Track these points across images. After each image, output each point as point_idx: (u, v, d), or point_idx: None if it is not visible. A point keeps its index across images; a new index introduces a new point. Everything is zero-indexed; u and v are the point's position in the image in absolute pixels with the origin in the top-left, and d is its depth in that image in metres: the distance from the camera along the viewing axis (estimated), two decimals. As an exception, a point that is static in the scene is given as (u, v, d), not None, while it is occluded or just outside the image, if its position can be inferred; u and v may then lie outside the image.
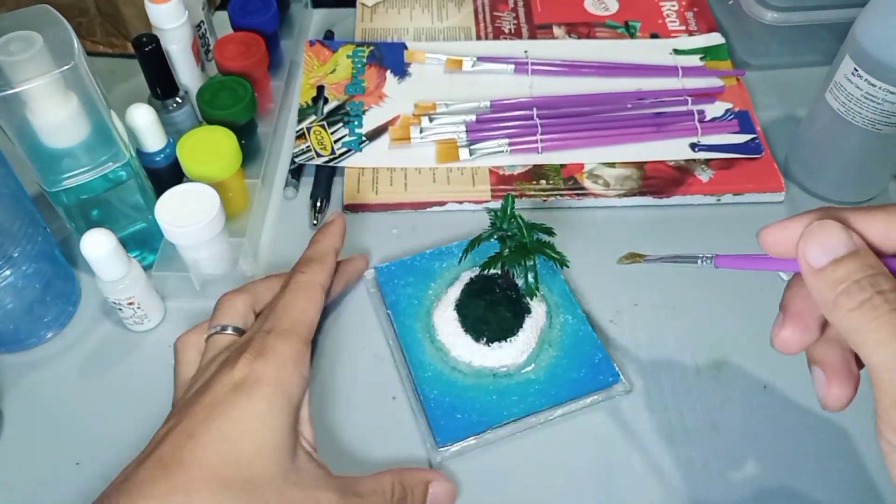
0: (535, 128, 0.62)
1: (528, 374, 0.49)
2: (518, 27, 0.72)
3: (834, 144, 0.57)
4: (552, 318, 0.51)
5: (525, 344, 0.49)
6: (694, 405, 0.49)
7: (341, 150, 0.61)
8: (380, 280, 0.54)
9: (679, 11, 0.73)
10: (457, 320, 0.50)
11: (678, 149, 0.61)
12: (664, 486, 0.46)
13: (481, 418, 0.47)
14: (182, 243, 0.50)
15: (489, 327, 0.49)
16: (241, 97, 0.57)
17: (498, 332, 0.49)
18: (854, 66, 0.52)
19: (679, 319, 0.53)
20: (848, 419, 0.49)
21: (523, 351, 0.49)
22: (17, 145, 0.45)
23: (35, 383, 0.50)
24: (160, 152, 0.54)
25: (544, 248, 0.46)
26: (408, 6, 0.75)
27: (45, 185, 0.48)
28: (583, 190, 0.59)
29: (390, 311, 0.52)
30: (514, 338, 0.49)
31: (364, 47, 0.69)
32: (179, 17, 0.57)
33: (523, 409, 0.48)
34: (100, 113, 0.46)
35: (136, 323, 0.52)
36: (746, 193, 0.59)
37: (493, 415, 0.47)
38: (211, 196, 0.50)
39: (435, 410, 0.47)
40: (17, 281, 0.48)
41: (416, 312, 0.52)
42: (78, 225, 0.51)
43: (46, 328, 0.52)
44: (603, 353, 0.50)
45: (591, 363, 0.49)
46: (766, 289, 0.54)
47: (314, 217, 0.58)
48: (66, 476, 0.46)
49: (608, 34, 0.71)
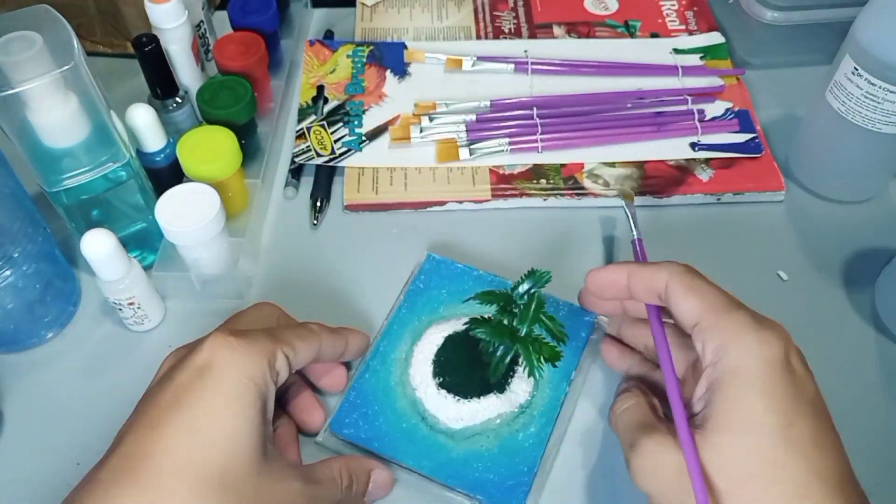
0: (535, 127, 0.62)
1: (449, 441, 0.45)
2: (518, 26, 0.72)
3: (834, 144, 0.57)
4: (519, 418, 0.46)
5: (470, 415, 0.46)
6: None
7: (341, 150, 0.61)
8: (424, 266, 0.53)
9: (679, 11, 0.73)
10: (437, 346, 0.48)
11: (678, 148, 0.61)
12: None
13: (375, 439, 0.45)
14: (182, 243, 0.50)
15: (452, 375, 0.46)
16: (241, 97, 0.57)
17: (455, 385, 0.46)
18: (854, 66, 0.52)
19: (679, 319, 0.53)
20: (848, 419, 0.48)
21: (463, 419, 0.46)
22: (17, 145, 0.45)
23: (35, 383, 0.50)
24: (160, 152, 0.54)
25: (532, 345, 0.42)
26: (407, 6, 0.74)
27: (45, 186, 0.48)
28: (583, 189, 0.59)
29: (403, 298, 0.52)
30: (465, 401, 0.46)
31: (364, 47, 0.69)
32: (179, 17, 0.57)
33: (415, 465, 0.45)
34: (100, 113, 0.46)
35: (137, 323, 0.52)
36: (746, 193, 0.59)
37: (388, 446, 0.45)
38: (211, 196, 0.50)
39: (351, 400, 0.47)
40: (17, 281, 0.48)
41: (421, 315, 0.51)
42: (78, 225, 0.51)
43: (47, 328, 0.52)
44: (529, 481, 0.44)
45: (510, 480, 0.44)
46: (766, 288, 0.54)
47: (314, 217, 0.58)
48: (66, 476, 0.46)
49: (608, 34, 0.71)
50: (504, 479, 0.44)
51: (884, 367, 0.51)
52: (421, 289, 0.52)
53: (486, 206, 0.59)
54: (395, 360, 0.49)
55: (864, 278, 0.55)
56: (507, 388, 0.47)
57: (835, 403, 0.49)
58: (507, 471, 0.45)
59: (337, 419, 0.46)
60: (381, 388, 0.48)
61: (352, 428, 0.46)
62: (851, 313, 0.54)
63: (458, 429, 0.46)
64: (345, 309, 0.54)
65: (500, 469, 0.45)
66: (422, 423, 0.46)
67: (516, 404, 0.47)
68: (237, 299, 0.54)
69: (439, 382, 0.47)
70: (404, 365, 0.49)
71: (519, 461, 0.45)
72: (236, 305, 0.54)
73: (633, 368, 0.48)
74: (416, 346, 0.49)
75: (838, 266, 0.56)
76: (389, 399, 0.47)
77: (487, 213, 0.59)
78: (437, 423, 0.46)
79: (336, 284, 0.55)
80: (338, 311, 0.54)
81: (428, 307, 0.52)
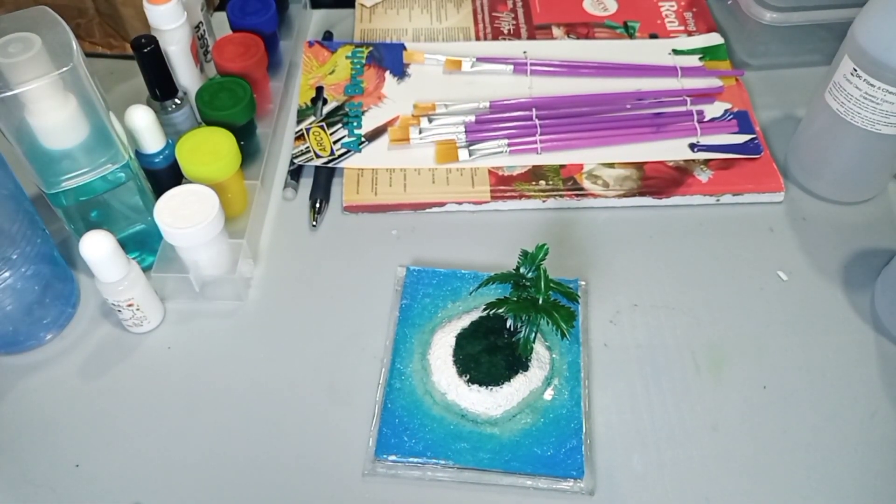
0: (535, 128, 0.62)
1: (494, 429, 0.47)
2: (517, 27, 0.72)
3: (833, 144, 0.57)
4: (548, 386, 0.49)
5: (506, 399, 0.47)
6: (694, 405, 0.49)
7: (340, 151, 0.61)
8: (406, 280, 0.54)
9: (678, 12, 0.73)
10: (451, 347, 0.49)
11: (677, 149, 0.61)
12: (664, 486, 0.46)
13: (426, 449, 0.46)
14: (181, 245, 0.50)
15: (477, 368, 0.48)
16: (240, 98, 0.57)
17: (483, 376, 0.47)
18: (853, 67, 0.52)
19: (679, 319, 0.53)
20: (847, 420, 0.49)
21: (501, 405, 0.47)
22: (15, 147, 0.45)
23: (34, 385, 0.50)
24: (159, 154, 0.54)
25: (554, 310, 0.43)
26: (406, 7, 0.75)
27: (44, 187, 0.48)
28: (582, 190, 0.59)
29: (399, 314, 0.52)
30: (497, 388, 0.47)
31: (363, 48, 0.69)
32: (178, 18, 0.57)
33: (472, 461, 0.46)
34: (98, 114, 0.46)
35: (136, 324, 0.51)
36: (746, 193, 0.59)
37: (440, 451, 0.46)
38: (210, 197, 0.50)
39: (388, 422, 0.47)
40: (16, 283, 0.48)
41: (422, 325, 0.52)
42: (77, 226, 0.51)
43: (45, 330, 0.52)
44: (578, 442, 0.46)
45: (563, 447, 0.46)
46: (766, 289, 0.55)
47: (313, 218, 0.58)
48: (65, 477, 0.46)
49: (607, 34, 0.71)
50: (557, 449, 0.46)
51: (883, 367, 0.51)
52: (410, 302, 0.53)
53: (486, 207, 0.59)
54: (413, 372, 0.49)
55: (863, 279, 0.55)
56: (530, 364, 0.48)
57: (834, 403, 0.50)
58: (556, 439, 0.47)
59: (380, 445, 0.46)
60: (412, 403, 0.48)
61: (397, 449, 0.46)
62: (850, 313, 0.54)
63: (499, 415, 0.47)
64: (344, 310, 0.54)
65: (549, 440, 0.47)
66: (464, 421, 0.47)
67: (542, 377, 0.48)
68: (236, 301, 0.54)
69: (468, 379, 0.48)
70: (424, 374, 0.49)
71: (563, 426, 0.47)
72: (236, 307, 0.54)
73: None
74: (431, 354, 0.49)
75: (837, 266, 0.56)
76: (423, 410, 0.48)
77: (487, 214, 0.59)
78: (477, 416, 0.47)
79: (335, 285, 0.55)
80: (337, 312, 0.54)
81: (425, 316, 0.52)
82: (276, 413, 0.49)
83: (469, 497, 0.45)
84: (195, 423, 0.48)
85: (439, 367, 0.49)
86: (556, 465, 0.46)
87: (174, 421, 0.49)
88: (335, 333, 0.53)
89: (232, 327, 0.53)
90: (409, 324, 0.52)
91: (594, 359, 0.51)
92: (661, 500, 0.45)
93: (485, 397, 0.47)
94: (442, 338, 0.50)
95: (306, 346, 0.52)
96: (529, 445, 0.46)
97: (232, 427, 0.48)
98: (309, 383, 0.50)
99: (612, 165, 0.60)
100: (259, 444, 0.48)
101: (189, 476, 0.46)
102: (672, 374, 0.50)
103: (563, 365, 0.50)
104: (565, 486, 0.45)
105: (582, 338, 0.51)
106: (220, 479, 0.46)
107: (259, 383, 0.50)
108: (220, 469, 0.47)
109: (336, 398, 0.49)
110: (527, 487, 0.46)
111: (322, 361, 0.51)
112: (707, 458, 0.47)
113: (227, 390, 0.50)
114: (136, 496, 0.46)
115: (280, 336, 0.52)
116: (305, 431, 0.48)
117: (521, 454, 0.46)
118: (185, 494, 0.46)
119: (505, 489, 0.46)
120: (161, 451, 0.47)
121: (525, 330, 0.46)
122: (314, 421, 0.48)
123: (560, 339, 0.50)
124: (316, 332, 0.53)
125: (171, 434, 0.48)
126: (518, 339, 0.47)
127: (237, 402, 0.49)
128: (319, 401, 0.49)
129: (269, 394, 0.50)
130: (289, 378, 0.50)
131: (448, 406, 0.48)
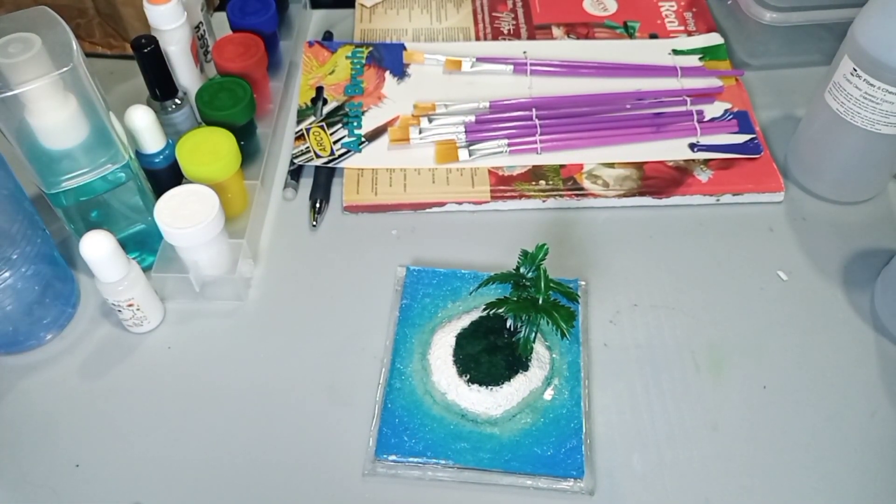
0: (535, 128, 0.62)
1: (494, 429, 0.47)
2: (517, 28, 0.72)
3: (833, 144, 0.57)
4: (548, 386, 0.49)
5: (506, 399, 0.47)
6: (694, 405, 0.49)
7: (340, 151, 0.61)
8: (406, 280, 0.54)
9: (678, 12, 0.73)
10: (451, 347, 0.49)
11: (677, 149, 0.61)
12: (664, 486, 0.46)
13: (426, 449, 0.46)
14: (181, 245, 0.50)
15: (477, 368, 0.48)
16: (241, 98, 0.57)
17: (483, 376, 0.47)
18: (853, 66, 0.52)
19: (679, 319, 0.53)
20: (847, 420, 0.49)
21: (501, 405, 0.47)
22: (16, 147, 0.45)
23: (34, 385, 0.50)
24: (159, 154, 0.54)
25: (554, 310, 0.43)
26: (406, 7, 0.75)
27: (44, 187, 0.48)
28: (582, 190, 0.59)
29: (399, 314, 0.52)
30: (497, 388, 0.47)
31: (363, 48, 0.69)
32: (178, 18, 0.57)
33: (472, 461, 0.46)
34: (98, 114, 0.46)
35: (136, 324, 0.51)
36: (746, 193, 0.59)
37: (440, 451, 0.46)
38: (210, 197, 0.50)
39: (388, 421, 0.47)
40: (16, 283, 0.48)
41: (422, 325, 0.52)
42: (77, 226, 0.51)
43: (45, 330, 0.52)
44: (578, 442, 0.46)
45: (563, 447, 0.46)
46: (766, 289, 0.55)
47: (313, 218, 0.58)
48: (65, 477, 0.46)
49: (607, 34, 0.71)
50: (557, 449, 0.46)
51: (883, 367, 0.51)
52: (410, 302, 0.53)
53: (486, 207, 0.59)
54: (413, 372, 0.49)
55: (862, 278, 0.55)
56: (530, 364, 0.48)
57: (834, 403, 0.50)
58: (556, 439, 0.47)
59: (380, 445, 0.46)
60: (412, 403, 0.48)
61: (397, 448, 0.46)
62: (850, 313, 0.54)
63: (499, 415, 0.47)
64: (344, 310, 0.54)
65: (549, 439, 0.47)
66: (464, 421, 0.47)
67: (542, 377, 0.48)
68: (236, 301, 0.54)
69: (468, 379, 0.48)
70: (424, 374, 0.49)
71: (563, 425, 0.47)
72: (236, 307, 0.54)
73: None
74: (431, 354, 0.49)
75: (837, 266, 0.56)
76: (424, 410, 0.48)
77: (487, 214, 0.59)
78: (477, 416, 0.47)
79: (335, 285, 0.55)
80: (337, 312, 0.54)
81: (425, 316, 0.52)
82: (277, 413, 0.49)
83: (469, 497, 0.45)
84: (195, 423, 0.48)
85: (439, 366, 0.49)
86: (556, 465, 0.46)
87: (174, 421, 0.49)
88: (335, 333, 0.53)
89: (232, 327, 0.53)
90: (409, 324, 0.52)
91: (594, 359, 0.51)
92: (661, 500, 0.45)
93: (485, 397, 0.47)
94: (442, 338, 0.50)
95: (306, 346, 0.52)
96: (529, 445, 0.46)
97: (232, 427, 0.48)
98: (309, 383, 0.50)
99: (612, 165, 0.60)
100: (259, 443, 0.48)
101: (189, 476, 0.46)
102: (672, 374, 0.50)
103: (563, 365, 0.50)
104: (565, 486, 0.45)
105: (582, 338, 0.51)
106: (220, 479, 0.46)
107: (259, 383, 0.50)
108: (220, 469, 0.47)
109: (336, 398, 0.49)
110: (527, 487, 0.46)
111: (322, 361, 0.51)
112: (707, 458, 0.47)
113: (227, 390, 0.50)
114: (136, 496, 0.46)
115: (280, 336, 0.52)
116: (305, 431, 0.48)
117: (521, 454, 0.46)
118: (185, 494, 0.46)
119: (505, 489, 0.46)
120: (161, 451, 0.47)
121: (525, 330, 0.46)
122: (314, 421, 0.48)
123: (560, 339, 0.50)
124: (316, 332, 0.53)
125: (171, 434, 0.48)
126: (518, 339, 0.47)
127: (237, 401, 0.49)
128: (319, 401, 0.49)
129: (269, 394, 0.50)
130: (289, 378, 0.50)
131: (448, 406, 0.48)
